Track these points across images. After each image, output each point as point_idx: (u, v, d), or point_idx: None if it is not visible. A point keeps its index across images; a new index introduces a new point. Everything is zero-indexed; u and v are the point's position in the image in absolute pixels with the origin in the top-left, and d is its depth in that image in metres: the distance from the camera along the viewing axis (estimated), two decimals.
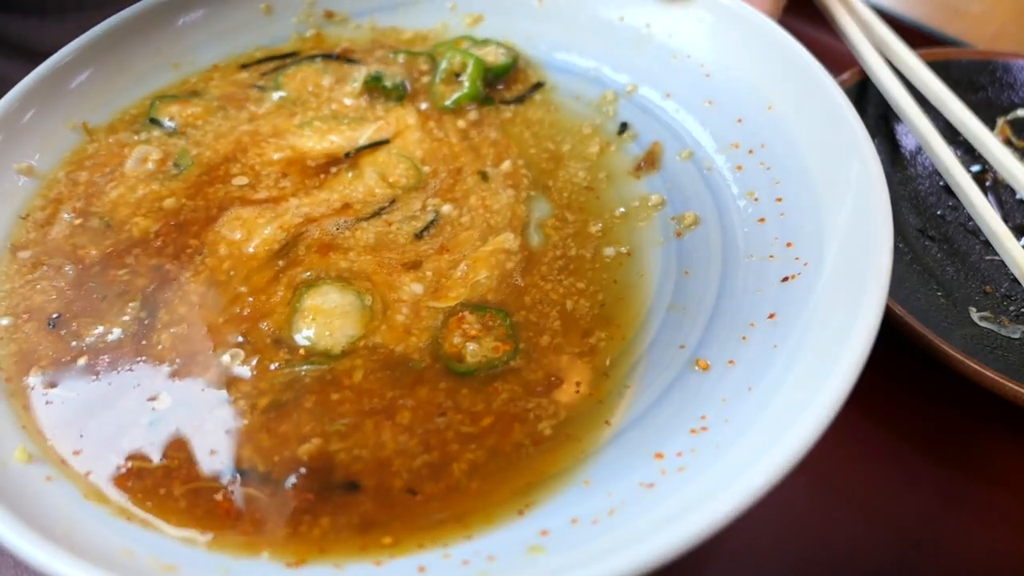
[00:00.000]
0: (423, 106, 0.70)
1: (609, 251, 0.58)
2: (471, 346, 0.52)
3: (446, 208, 0.61)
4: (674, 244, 0.58)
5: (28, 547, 0.39)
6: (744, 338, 0.50)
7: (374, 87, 0.70)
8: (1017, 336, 0.63)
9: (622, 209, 0.61)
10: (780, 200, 0.56)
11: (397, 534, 0.45)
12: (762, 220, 0.57)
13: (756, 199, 0.58)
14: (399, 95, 0.70)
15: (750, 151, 0.61)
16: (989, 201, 0.70)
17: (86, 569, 0.38)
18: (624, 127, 0.67)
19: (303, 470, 0.47)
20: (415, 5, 0.77)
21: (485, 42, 0.72)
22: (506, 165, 0.64)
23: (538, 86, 0.71)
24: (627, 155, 0.65)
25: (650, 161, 0.64)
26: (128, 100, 0.69)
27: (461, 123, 0.68)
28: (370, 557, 0.43)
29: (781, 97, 0.60)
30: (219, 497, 0.46)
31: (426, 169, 0.64)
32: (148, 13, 0.71)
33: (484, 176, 0.63)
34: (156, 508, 0.46)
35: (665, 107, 0.67)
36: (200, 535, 0.45)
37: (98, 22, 0.68)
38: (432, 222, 0.60)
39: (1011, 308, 0.65)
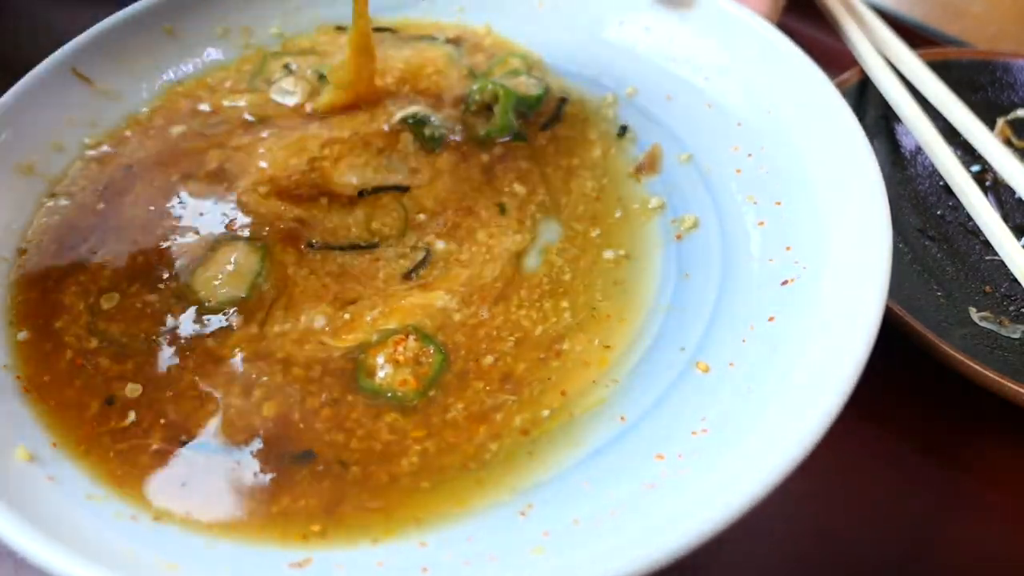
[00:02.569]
0: (455, 136, 0.67)
1: (608, 254, 0.59)
2: (385, 370, 0.52)
3: (440, 244, 0.60)
4: (674, 247, 0.59)
5: (31, 545, 0.40)
6: (744, 340, 0.51)
7: (415, 130, 0.66)
8: (1017, 336, 0.63)
9: (620, 212, 0.62)
10: (779, 203, 0.57)
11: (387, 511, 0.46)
12: (761, 223, 0.57)
13: (755, 202, 0.59)
14: (434, 146, 0.66)
15: (749, 154, 0.61)
16: (989, 201, 0.70)
17: (88, 567, 0.39)
18: (624, 130, 0.67)
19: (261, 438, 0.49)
20: (414, 7, 0.77)
21: (516, 72, 0.70)
22: (519, 187, 0.63)
23: (563, 102, 0.70)
24: (627, 158, 0.66)
25: (650, 164, 0.64)
26: (137, 98, 0.70)
27: (485, 157, 0.66)
28: (368, 544, 0.44)
29: (780, 101, 0.61)
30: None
31: (421, 217, 0.61)
32: (148, 13, 0.71)
33: (502, 209, 0.61)
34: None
35: (665, 110, 0.67)
36: (202, 530, 0.45)
37: None
38: (424, 260, 0.59)
39: (1011, 308, 0.66)
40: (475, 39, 0.75)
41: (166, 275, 0.57)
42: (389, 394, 0.51)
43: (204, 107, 0.69)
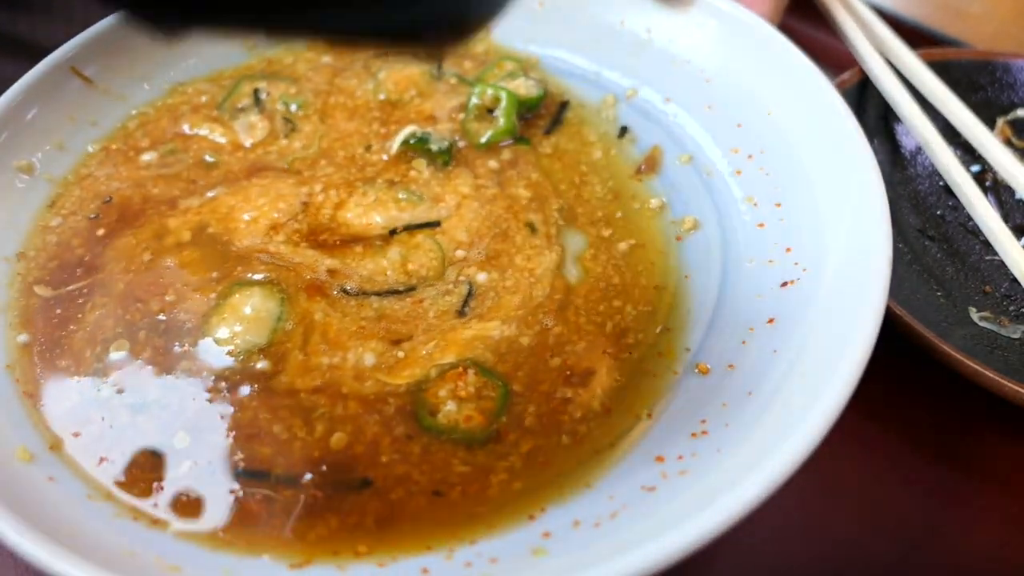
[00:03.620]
0: (461, 144, 0.66)
1: (620, 247, 0.59)
2: (450, 405, 0.50)
3: (481, 276, 0.57)
4: (674, 248, 0.59)
5: (32, 547, 0.40)
6: (744, 343, 0.51)
7: (417, 149, 0.65)
8: (1017, 336, 0.63)
9: (621, 213, 0.62)
10: (779, 205, 0.57)
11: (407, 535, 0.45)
12: (761, 225, 0.57)
13: (755, 204, 0.59)
14: (444, 160, 0.65)
15: (749, 156, 0.61)
16: (989, 201, 0.70)
17: (90, 569, 0.39)
18: (624, 131, 0.67)
19: (323, 467, 0.48)
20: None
21: (512, 75, 0.70)
22: (527, 191, 0.63)
23: (564, 105, 0.70)
24: (627, 159, 0.66)
25: (650, 165, 0.64)
26: (138, 98, 0.70)
27: (493, 163, 0.65)
28: (374, 558, 0.44)
29: (780, 103, 0.60)
30: (229, 497, 0.47)
31: (459, 253, 0.59)
32: None
33: (532, 228, 0.60)
34: (162, 508, 0.47)
35: (665, 111, 0.67)
36: (205, 535, 0.45)
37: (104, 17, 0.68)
38: (470, 293, 0.56)
39: (1011, 308, 0.66)
40: (461, 49, 0.74)
41: (178, 324, 0.55)
42: (455, 432, 0.49)
43: (183, 128, 0.68)
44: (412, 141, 0.65)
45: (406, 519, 0.46)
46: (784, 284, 0.52)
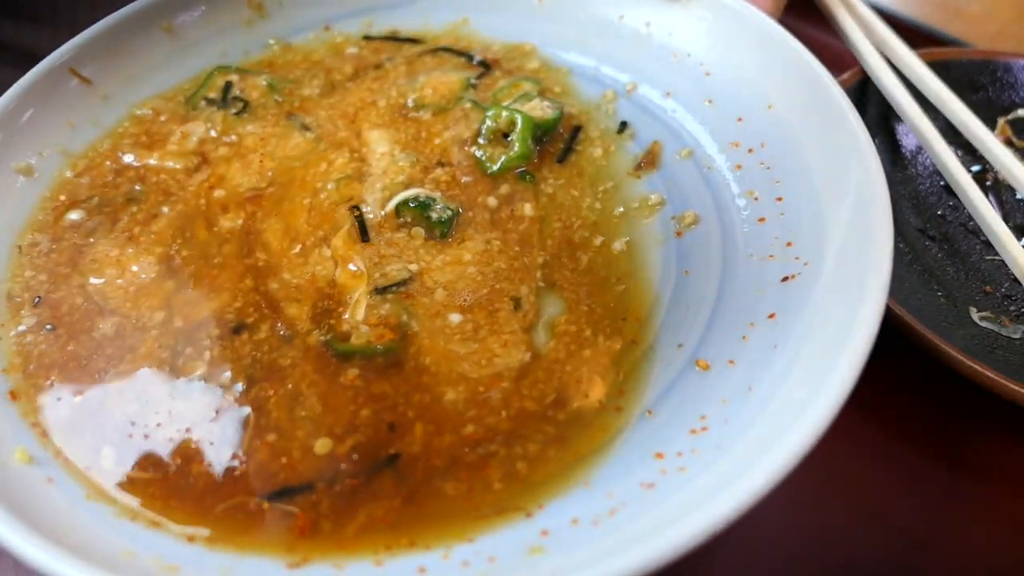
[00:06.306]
0: (465, 180, 0.62)
1: (618, 245, 0.58)
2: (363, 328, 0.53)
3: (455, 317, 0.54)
4: (674, 243, 0.58)
5: (29, 548, 0.39)
6: (744, 338, 0.50)
7: (415, 215, 0.59)
8: (1017, 336, 0.63)
9: (621, 209, 0.61)
10: (780, 199, 0.56)
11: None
12: (762, 220, 0.56)
13: (756, 198, 0.58)
14: (443, 232, 0.58)
15: (750, 150, 0.60)
16: (989, 201, 0.70)
17: (87, 570, 0.38)
18: (624, 126, 0.67)
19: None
20: (411, 6, 0.76)
21: (528, 96, 0.67)
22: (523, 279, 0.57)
23: (578, 130, 0.66)
24: (627, 154, 0.65)
25: (650, 160, 0.64)
26: (135, 98, 0.69)
27: (492, 200, 0.61)
28: (372, 556, 0.43)
29: (781, 96, 0.60)
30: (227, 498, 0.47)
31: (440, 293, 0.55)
32: (147, 11, 0.70)
33: (517, 304, 0.55)
34: (162, 509, 0.46)
35: (665, 106, 0.67)
36: (203, 534, 0.45)
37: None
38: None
39: (1011, 308, 0.65)
40: (517, 58, 0.72)
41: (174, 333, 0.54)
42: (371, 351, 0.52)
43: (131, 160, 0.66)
44: (412, 205, 0.59)
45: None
46: (785, 279, 0.52)
